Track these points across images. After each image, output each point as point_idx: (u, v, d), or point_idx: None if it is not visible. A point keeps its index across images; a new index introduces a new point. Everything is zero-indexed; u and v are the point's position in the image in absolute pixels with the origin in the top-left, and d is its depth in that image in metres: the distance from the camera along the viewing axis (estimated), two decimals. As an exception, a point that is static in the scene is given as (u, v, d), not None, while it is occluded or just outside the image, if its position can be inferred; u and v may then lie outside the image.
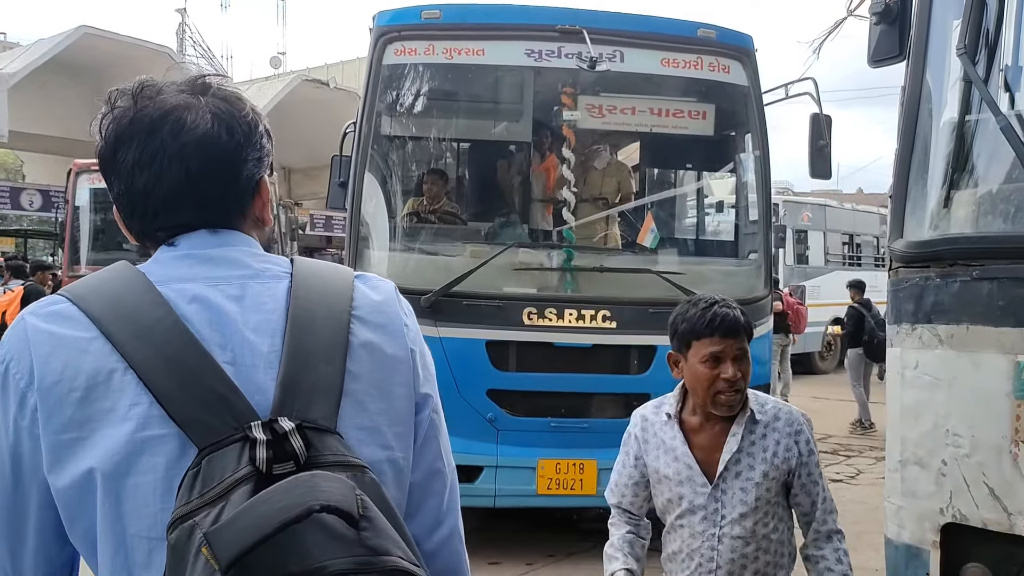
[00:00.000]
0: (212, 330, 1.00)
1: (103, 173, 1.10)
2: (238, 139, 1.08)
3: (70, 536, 1.00)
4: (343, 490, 0.87)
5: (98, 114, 1.09)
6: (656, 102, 5.58)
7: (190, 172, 1.05)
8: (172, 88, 1.08)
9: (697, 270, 5.59)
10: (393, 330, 1.10)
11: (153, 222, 1.09)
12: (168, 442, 0.94)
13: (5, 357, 1.00)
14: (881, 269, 17.52)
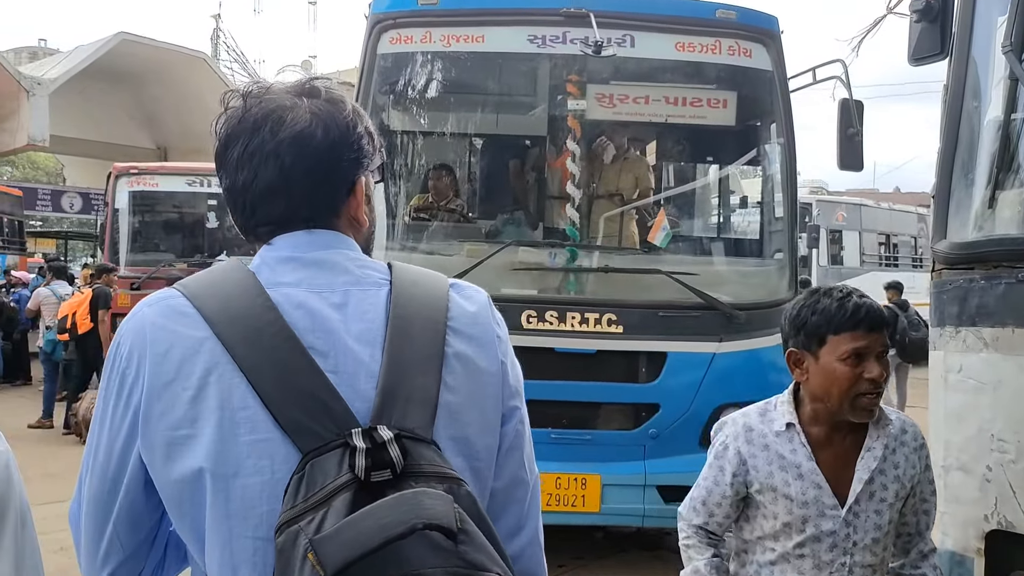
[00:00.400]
0: (316, 337, 1.02)
1: (218, 171, 1.14)
2: (333, 138, 1.10)
3: (178, 529, 1.04)
4: (443, 506, 0.90)
5: (214, 117, 1.15)
6: (672, 90, 5.10)
7: (284, 167, 1.08)
8: (279, 90, 1.12)
9: (713, 270, 5.18)
10: (486, 342, 1.12)
11: (252, 217, 1.12)
12: (274, 446, 0.97)
13: (123, 351, 1.04)
14: (919, 270, 17.12)
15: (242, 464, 0.97)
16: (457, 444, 1.04)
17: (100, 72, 19.86)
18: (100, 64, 19.44)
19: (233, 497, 0.97)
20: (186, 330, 1.01)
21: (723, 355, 4.45)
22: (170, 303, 1.05)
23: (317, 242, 1.11)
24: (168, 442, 0.99)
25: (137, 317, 1.06)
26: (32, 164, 40.30)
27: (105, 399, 1.05)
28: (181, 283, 1.08)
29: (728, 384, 4.38)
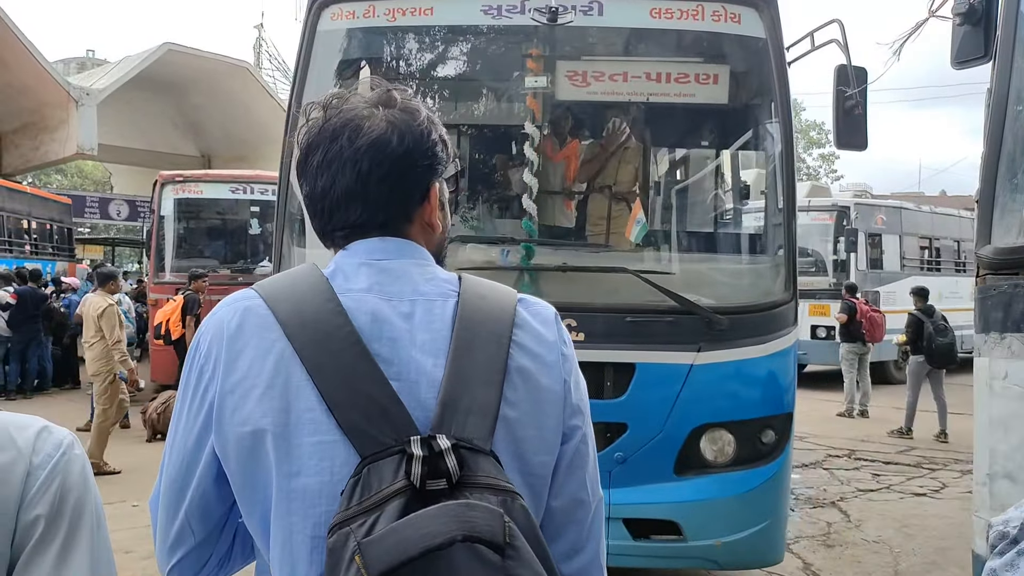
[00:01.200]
0: (381, 344, 1.04)
1: (299, 179, 1.18)
2: (408, 144, 1.12)
3: (247, 522, 1.08)
4: (490, 519, 0.91)
5: (298, 128, 1.19)
6: (653, 65, 4.43)
7: (361, 173, 1.11)
8: (358, 100, 1.15)
9: (693, 269, 4.44)
10: (550, 360, 1.12)
11: (329, 222, 1.15)
12: (336, 448, 0.99)
13: (202, 348, 1.09)
14: (962, 274, 16.56)
15: (304, 464, 1.00)
16: (513, 459, 1.04)
17: (146, 82, 20.31)
18: (146, 74, 19.88)
19: (295, 495, 1.00)
20: (259, 331, 1.05)
21: (702, 367, 3.70)
22: (246, 304, 1.09)
23: (390, 249, 1.14)
24: (238, 438, 1.03)
25: (216, 316, 1.10)
26: (80, 173, 41.24)
27: (183, 393, 1.10)
28: (259, 284, 1.13)
29: (708, 401, 3.71)
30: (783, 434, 3.79)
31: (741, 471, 3.76)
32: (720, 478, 3.74)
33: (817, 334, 14.45)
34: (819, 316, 14.44)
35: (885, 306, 14.44)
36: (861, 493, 7.39)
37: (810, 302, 14.38)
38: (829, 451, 9.23)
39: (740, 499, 3.74)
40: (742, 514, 3.73)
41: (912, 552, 5.76)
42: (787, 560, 5.53)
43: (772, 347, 3.76)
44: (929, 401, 10.65)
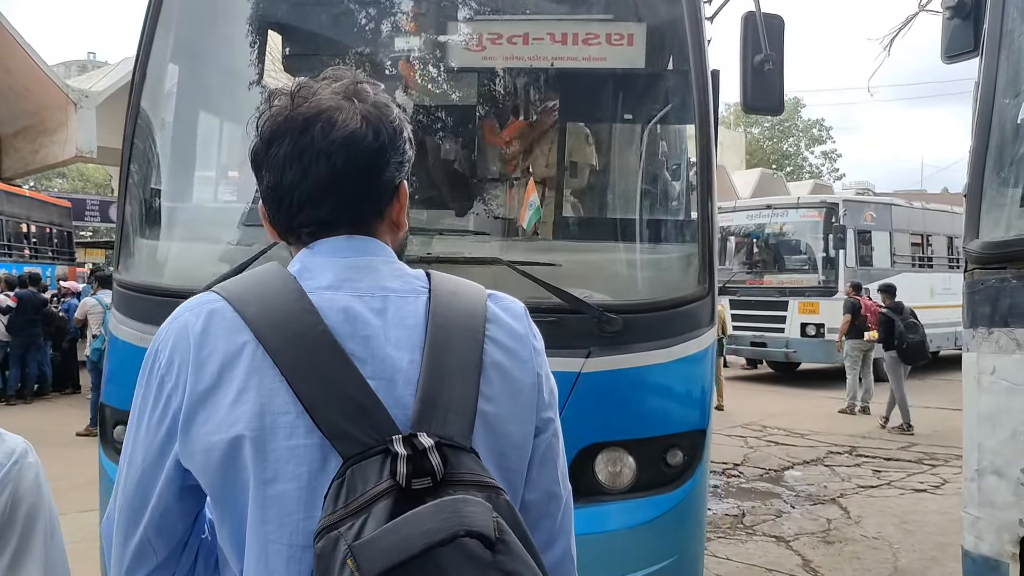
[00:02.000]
0: (355, 343, 1.02)
1: (254, 167, 1.13)
2: (383, 141, 1.09)
3: (219, 535, 1.04)
4: (483, 514, 0.90)
5: (255, 114, 1.13)
6: (558, 24, 3.76)
7: (335, 168, 1.07)
8: (327, 90, 1.10)
9: (582, 259, 3.63)
10: (523, 354, 1.12)
11: (297, 216, 1.11)
12: (312, 452, 0.97)
13: (162, 357, 1.04)
14: (955, 271, 16.43)
15: (280, 469, 0.97)
16: (492, 454, 1.04)
17: (146, 85, 20.25)
18: (146, 77, 19.82)
19: (270, 503, 0.97)
20: (227, 334, 1.01)
21: (592, 375, 3.04)
22: (211, 307, 1.04)
23: (357, 248, 1.11)
24: (212, 448, 0.99)
25: (178, 322, 1.05)
26: (81, 175, 41.29)
27: (142, 405, 1.05)
28: (221, 286, 1.08)
29: (600, 416, 3.05)
30: (694, 454, 3.15)
31: (642, 498, 3.08)
32: (616, 506, 3.06)
33: (807, 332, 14.38)
34: (809, 314, 14.41)
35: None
36: (862, 489, 7.37)
37: (799, 300, 14.42)
38: (831, 448, 9.21)
39: (640, 531, 3.07)
40: (643, 548, 3.06)
41: (912, 548, 5.75)
42: (786, 557, 5.53)
43: (680, 351, 3.16)
44: (924, 397, 10.64)
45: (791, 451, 9.00)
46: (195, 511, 1.07)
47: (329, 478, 0.95)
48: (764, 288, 14.86)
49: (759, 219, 15.52)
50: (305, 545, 0.95)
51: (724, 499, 7.03)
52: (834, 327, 13.88)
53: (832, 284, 14.25)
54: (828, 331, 14.00)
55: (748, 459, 8.59)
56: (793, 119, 51.00)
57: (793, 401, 12.73)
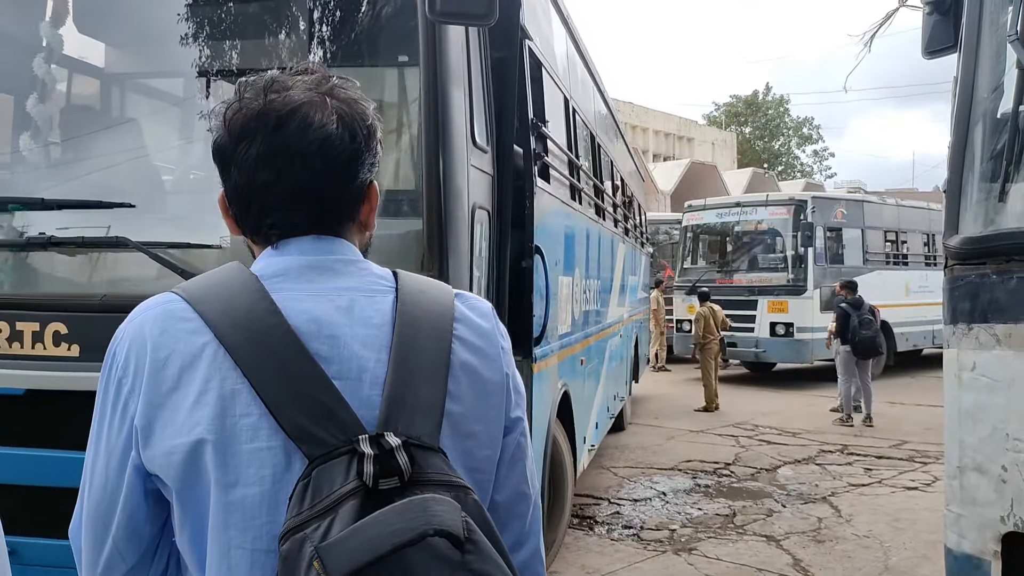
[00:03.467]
0: (320, 342, 1.00)
1: (220, 161, 1.08)
2: (359, 143, 1.07)
3: (178, 541, 1.02)
4: (452, 514, 0.89)
5: (222, 105, 1.08)
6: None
7: (313, 172, 1.04)
8: (301, 85, 1.06)
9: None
10: (491, 353, 1.10)
11: (267, 218, 1.07)
12: (276, 454, 0.95)
13: (119, 359, 1.02)
14: (932, 268, 16.12)
15: (242, 473, 0.95)
16: (459, 454, 1.02)
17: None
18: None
19: (232, 507, 0.95)
20: (186, 335, 0.99)
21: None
22: (168, 308, 1.02)
23: (323, 248, 1.08)
24: (172, 452, 0.96)
25: (135, 323, 1.03)
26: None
27: (100, 410, 1.03)
28: (180, 287, 1.05)
29: None
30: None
31: None
32: None
33: (776, 331, 14.04)
34: (778, 313, 14.07)
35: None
36: (853, 488, 7.36)
37: (768, 299, 14.11)
38: (822, 447, 9.20)
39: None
40: None
41: (903, 546, 5.74)
42: (776, 556, 5.51)
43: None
44: (915, 394, 10.64)
45: (783, 450, 8.99)
46: (163, 515, 1.05)
47: (293, 480, 0.93)
48: (734, 287, 14.51)
49: (728, 217, 15.21)
50: (268, 550, 0.93)
51: (715, 499, 7.01)
52: (804, 326, 13.75)
53: (801, 282, 13.93)
54: (797, 330, 13.76)
55: (740, 458, 8.57)
56: (781, 117, 51.15)
57: (785, 400, 12.71)
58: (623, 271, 8.52)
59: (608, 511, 6.59)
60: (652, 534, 5.99)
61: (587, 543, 5.80)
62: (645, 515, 6.48)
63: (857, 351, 10.38)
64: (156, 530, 1.05)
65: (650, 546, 5.72)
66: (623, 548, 5.68)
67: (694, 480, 7.63)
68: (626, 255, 8.83)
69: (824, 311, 13.71)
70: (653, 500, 6.92)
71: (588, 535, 5.99)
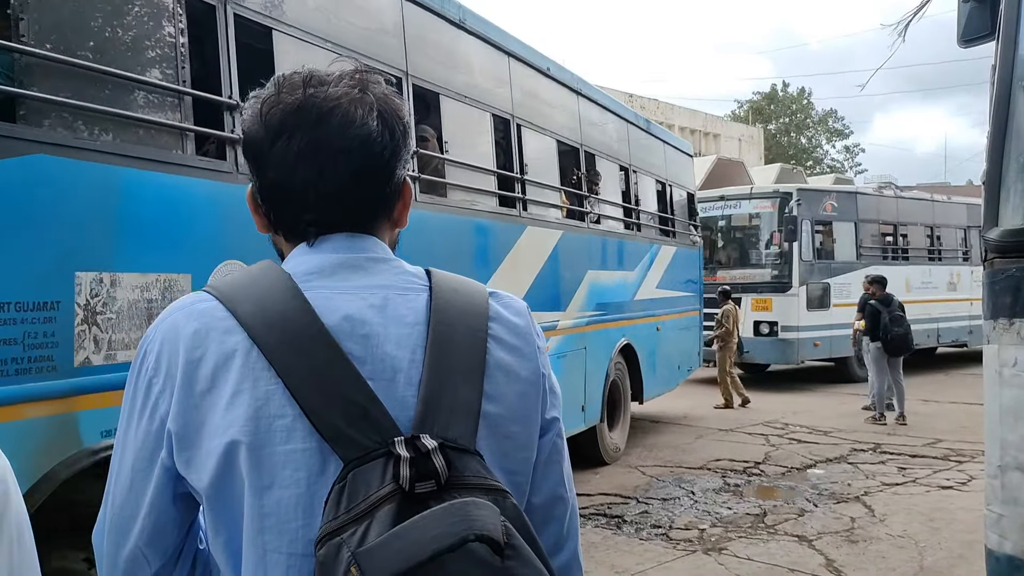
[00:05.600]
0: (354, 342, 0.98)
1: (253, 158, 1.06)
2: (397, 139, 1.06)
3: (212, 546, 0.99)
4: (491, 518, 0.86)
5: (253, 99, 1.06)
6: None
7: (355, 170, 1.03)
8: (342, 81, 1.04)
9: None
10: (527, 353, 1.08)
11: (306, 215, 1.05)
12: (311, 456, 0.93)
13: (150, 359, 1.00)
14: (935, 263, 15.60)
15: (277, 475, 0.93)
16: (497, 456, 1.00)
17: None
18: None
19: (268, 510, 0.93)
20: (219, 335, 0.97)
21: None
22: (201, 307, 1.00)
23: (357, 246, 1.07)
24: (204, 453, 0.95)
25: (167, 323, 1.01)
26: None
27: (129, 410, 1.01)
28: (212, 285, 1.03)
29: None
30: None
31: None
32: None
33: (760, 330, 13.39)
34: (762, 311, 13.46)
35: (837, 299, 13.53)
36: (886, 487, 7.25)
37: (752, 296, 13.48)
38: (854, 445, 9.08)
39: None
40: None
41: (938, 546, 5.64)
42: (809, 556, 5.44)
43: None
44: (950, 391, 10.47)
45: (814, 449, 8.88)
46: (189, 519, 1.03)
47: (328, 483, 0.91)
48: (717, 284, 13.45)
49: (712, 211, 14.41)
50: (304, 554, 0.91)
51: (745, 498, 6.94)
52: (789, 325, 13.20)
53: (785, 279, 13.32)
54: (782, 329, 13.18)
55: (770, 457, 8.48)
56: (805, 110, 50.50)
57: (816, 399, 12.56)
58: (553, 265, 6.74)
59: (637, 510, 6.54)
60: (681, 534, 5.94)
61: (616, 542, 5.76)
62: (674, 514, 6.43)
63: (888, 349, 10.23)
64: (181, 535, 1.04)
65: (679, 546, 5.67)
66: (652, 548, 5.64)
67: (724, 479, 7.55)
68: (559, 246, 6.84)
69: (811, 309, 13.24)
70: (682, 499, 6.87)
71: (617, 534, 5.95)
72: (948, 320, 15.84)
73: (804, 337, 13.18)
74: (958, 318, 16.13)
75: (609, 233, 8.10)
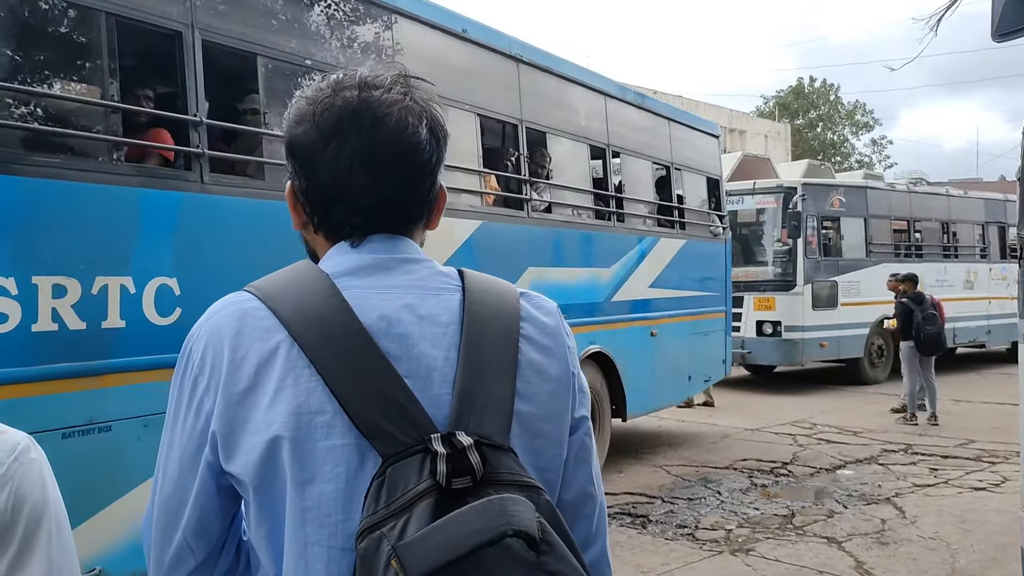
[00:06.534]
0: (391, 341, 1.00)
1: (300, 159, 1.08)
2: (440, 147, 1.09)
3: (254, 538, 1.02)
4: (528, 514, 0.88)
5: (302, 100, 1.08)
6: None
7: (406, 174, 1.06)
8: (394, 87, 1.07)
9: None
10: (558, 352, 1.11)
11: (354, 218, 1.08)
12: (350, 451, 0.95)
13: (195, 357, 1.02)
14: (951, 260, 15.10)
15: (318, 470, 0.95)
16: (529, 454, 1.02)
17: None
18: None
19: (309, 504, 0.96)
20: (262, 334, 1.00)
21: None
22: (244, 306, 1.03)
23: (392, 246, 1.09)
24: (248, 449, 0.97)
25: (211, 322, 1.04)
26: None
27: (175, 405, 1.04)
28: (253, 285, 1.06)
29: None
30: None
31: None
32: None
33: (763, 330, 12.80)
34: (764, 310, 12.80)
35: (845, 298, 13.00)
36: (918, 488, 7.15)
37: (754, 295, 12.83)
38: (885, 446, 8.96)
39: None
40: None
41: (971, 549, 5.54)
42: (838, 558, 5.37)
43: None
44: (983, 391, 10.30)
45: (843, 449, 8.77)
46: (232, 511, 1.06)
47: (367, 478, 0.94)
48: None
49: None
50: (344, 547, 0.93)
51: (773, 499, 6.86)
52: (793, 325, 12.58)
53: (789, 277, 12.71)
54: (786, 329, 12.58)
55: (798, 457, 8.39)
56: (833, 105, 49.86)
57: (845, 398, 12.40)
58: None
59: (662, 510, 6.50)
60: (707, 534, 5.89)
61: (641, 542, 5.73)
62: (700, 514, 6.38)
63: (921, 348, 10.08)
64: (225, 525, 1.07)
65: (706, 546, 5.62)
66: (678, 548, 5.60)
67: (750, 479, 7.48)
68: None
69: (817, 309, 12.69)
70: (708, 499, 6.81)
71: (642, 534, 5.91)
72: (965, 320, 15.25)
73: (809, 337, 12.66)
74: (975, 317, 15.52)
75: (566, 223, 6.99)
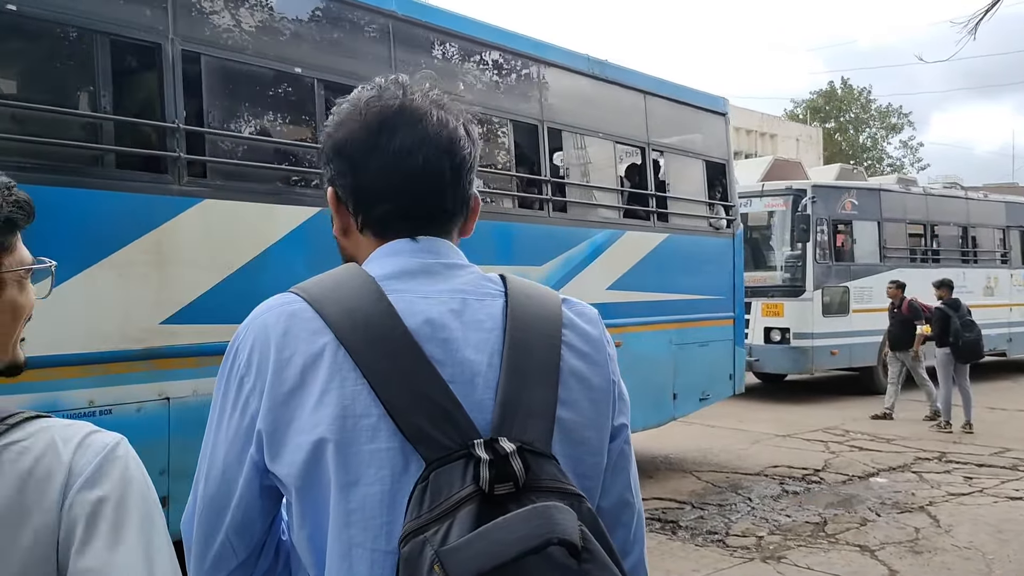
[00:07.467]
0: (434, 345, 1.01)
1: (346, 156, 1.10)
2: (476, 151, 1.13)
3: (296, 539, 1.03)
4: (571, 521, 0.89)
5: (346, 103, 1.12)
6: None
7: (453, 166, 1.09)
8: (431, 94, 1.12)
9: None
10: (599, 360, 1.11)
11: (398, 212, 1.10)
12: (394, 455, 0.96)
13: (241, 357, 1.03)
14: (969, 265, 14.55)
15: (363, 473, 0.96)
16: (570, 461, 1.02)
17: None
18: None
19: (354, 506, 0.96)
20: (308, 336, 1.00)
21: None
22: (291, 308, 1.03)
23: (436, 250, 1.11)
24: (293, 450, 0.98)
25: (257, 322, 1.04)
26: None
27: (221, 404, 1.05)
28: (300, 287, 1.07)
29: None
30: None
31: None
32: None
33: (771, 337, 12.32)
34: (773, 317, 12.33)
35: (857, 304, 12.55)
36: (952, 497, 7.05)
37: (762, 301, 12.33)
38: (918, 454, 8.84)
39: None
40: None
41: (1007, 559, 5.46)
42: (871, 567, 5.32)
43: None
44: (1018, 398, 10.11)
45: (876, 457, 8.67)
46: (273, 511, 1.07)
47: (410, 482, 0.94)
48: None
49: None
50: (388, 550, 0.94)
51: (804, 506, 6.80)
52: (802, 332, 12.08)
53: (799, 283, 12.21)
54: (794, 336, 12.13)
55: (830, 465, 8.31)
56: (865, 107, 49.16)
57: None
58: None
59: (692, 516, 6.48)
60: (738, 540, 5.86)
61: (671, 548, 5.71)
62: (731, 521, 6.35)
63: (959, 355, 9.92)
64: (266, 526, 1.08)
65: (736, 553, 5.59)
66: (708, 554, 5.58)
67: (782, 486, 7.43)
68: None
69: (828, 315, 12.19)
70: (738, 505, 6.77)
71: (672, 540, 5.90)
72: (985, 327, 14.67)
73: (819, 345, 12.17)
74: (996, 325, 14.73)
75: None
